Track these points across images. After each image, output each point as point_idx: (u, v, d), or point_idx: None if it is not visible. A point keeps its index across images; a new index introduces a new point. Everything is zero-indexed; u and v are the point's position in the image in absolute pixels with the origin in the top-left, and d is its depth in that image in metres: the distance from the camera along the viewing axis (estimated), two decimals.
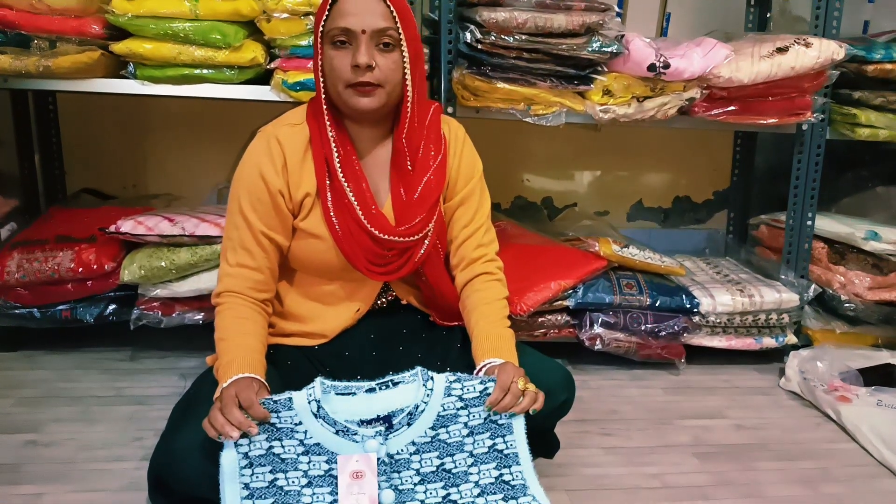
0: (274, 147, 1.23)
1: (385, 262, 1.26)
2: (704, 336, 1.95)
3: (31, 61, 1.65)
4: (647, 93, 1.80)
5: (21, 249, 1.77)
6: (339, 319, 1.31)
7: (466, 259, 1.32)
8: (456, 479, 1.04)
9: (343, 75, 1.17)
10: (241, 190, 1.23)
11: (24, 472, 1.36)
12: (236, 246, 1.23)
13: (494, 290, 1.30)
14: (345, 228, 1.23)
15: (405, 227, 1.24)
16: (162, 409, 1.57)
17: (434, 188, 1.26)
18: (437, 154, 1.28)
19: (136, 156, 2.32)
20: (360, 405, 1.04)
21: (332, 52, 1.18)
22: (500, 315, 1.27)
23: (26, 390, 1.68)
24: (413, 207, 1.25)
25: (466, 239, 1.32)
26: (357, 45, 1.16)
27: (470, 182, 1.33)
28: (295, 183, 1.23)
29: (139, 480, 1.29)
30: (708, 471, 1.48)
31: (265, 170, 1.21)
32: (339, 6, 1.17)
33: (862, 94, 1.96)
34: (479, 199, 1.34)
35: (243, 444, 0.99)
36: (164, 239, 1.74)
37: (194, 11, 1.64)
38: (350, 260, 1.24)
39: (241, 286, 1.21)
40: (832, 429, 1.68)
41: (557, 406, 1.28)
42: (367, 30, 1.15)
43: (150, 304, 1.77)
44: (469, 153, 1.35)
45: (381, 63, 1.17)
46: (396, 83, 1.21)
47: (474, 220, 1.33)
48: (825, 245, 2.08)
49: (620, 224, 2.57)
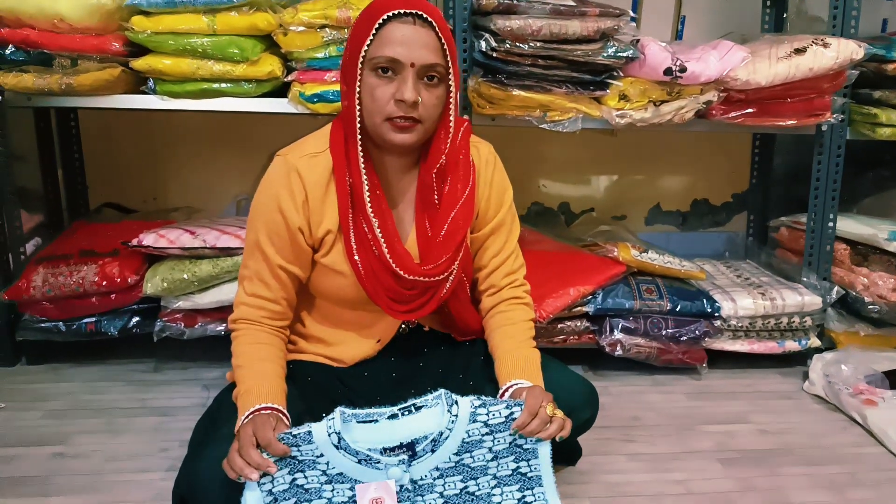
0: (294, 181, 1.17)
1: (408, 299, 1.22)
2: (726, 340, 1.93)
3: (53, 79, 1.68)
4: (663, 97, 1.80)
5: (46, 264, 1.80)
6: (359, 350, 1.29)
7: (495, 286, 1.30)
8: (479, 501, 1.04)
9: (384, 108, 1.10)
10: (258, 222, 1.19)
11: (52, 484, 1.38)
12: (252, 276, 1.20)
13: (520, 312, 1.28)
14: (367, 266, 1.18)
15: (430, 267, 1.19)
16: (186, 419, 1.58)
17: (461, 226, 1.20)
18: (465, 187, 1.21)
19: (157, 170, 2.35)
20: (383, 433, 1.02)
21: (374, 80, 1.10)
22: (525, 335, 1.25)
23: (53, 403, 1.70)
24: (439, 246, 1.19)
25: (497, 268, 1.29)
26: (404, 78, 1.08)
27: (501, 210, 1.29)
28: (316, 220, 1.19)
29: (165, 491, 1.30)
30: (733, 477, 1.46)
31: (284, 206, 1.17)
32: (386, 32, 1.08)
33: (882, 94, 1.94)
34: (510, 227, 1.31)
35: (266, 482, 0.98)
36: (186, 251, 1.76)
37: (212, 27, 1.66)
38: (372, 298, 1.20)
39: (256, 315, 1.19)
40: (858, 433, 1.66)
41: (580, 424, 1.27)
42: (417, 63, 1.08)
43: (172, 316, 1.80)
44: (499, 180, 1.29)
45: (425, 99, 1.11)
46: (435, 119, 1.15)
47: (504, 249, 1.30)
48: (847, 246, 2.06)
49: (638, 228, 2.56)
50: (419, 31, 1.08)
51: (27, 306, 1.81)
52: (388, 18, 1.08)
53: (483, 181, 1.26)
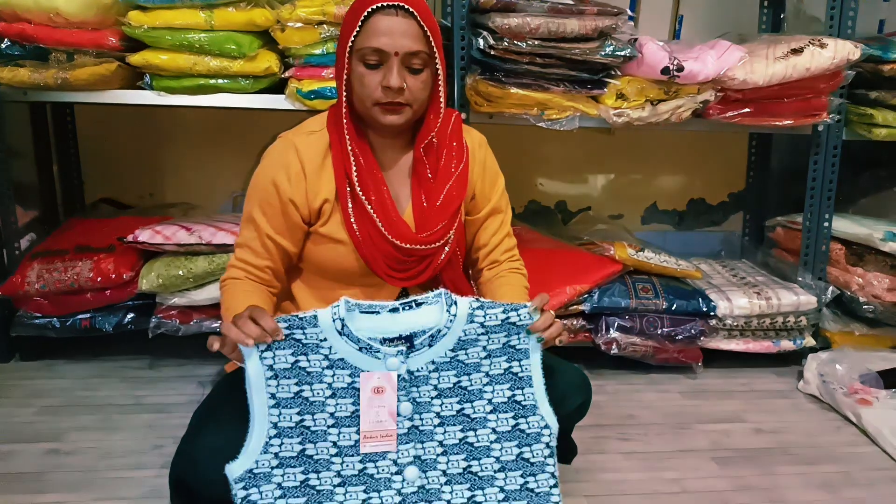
0: (291, 155, 1.23)
1: (405, 267, 1.27)
2: (721, 339, 1.94)
3: (49, 74, 1.68)
4: (660, 96, 1.80)
5: (41, 260, 1.79)
6: None
7: (496, 261, 1.36)
8: (471, 395, 1.08)
9: (373, 94, 1.17)
10: (252, 191, 1.25)
11: (46, 480, 1.37)
12: (243, 244, 1.25)
13: (520, 277, 1.35)
14: (365, 234, 1.23)
15: (426, 234, 1.25)
16: (181, 416, 1.58)
17: (456, 197, 1.27)
18: (459, 163, 1.28)
19: (153, 165, 2.34)
20: (384, 323, 1.07)
21: (361, 69, 1.18)
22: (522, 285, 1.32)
23: (47, 399, 1.70)
24: (434, 215, 1.25)
25: (497, 245, 1.35)
26: (389, 66, 1.16)
27: (495, 193, 1.34)
28: (313, 191, 1.23)
29: (160, 488, 1.30)
30: (728, 475, 1.47)
31: (278, 178, 1.22)
32: (371, 24, 1.16)
33: (879, 94, 1.94)
34: (506, 210, 1.38)
35: (268, 357, 1.01)
36: (182, 248, 1.76)
37: (209, 22, 1.65)
38: (370, 265, 1.24)
39: (240, 276, 1.24)
40: (852, 432, 1.67)
41: (574, 409, 1.28)
42: (401, 52, 1.15)
43: (168, 313, 1.79)
44: (491, 163, 1.35)
45: (410, 84, 1.18)
46: (423, 101, 1.22)
47: (501, 230, 1.36)
48: (843, 246, 2.06)
49: (635, 227, 2.56)
50: (402, 22, 1.15)
51: (22, 302, 1.80)
52: (373, 11, 1.15)
53: (477, 161, 1.32)
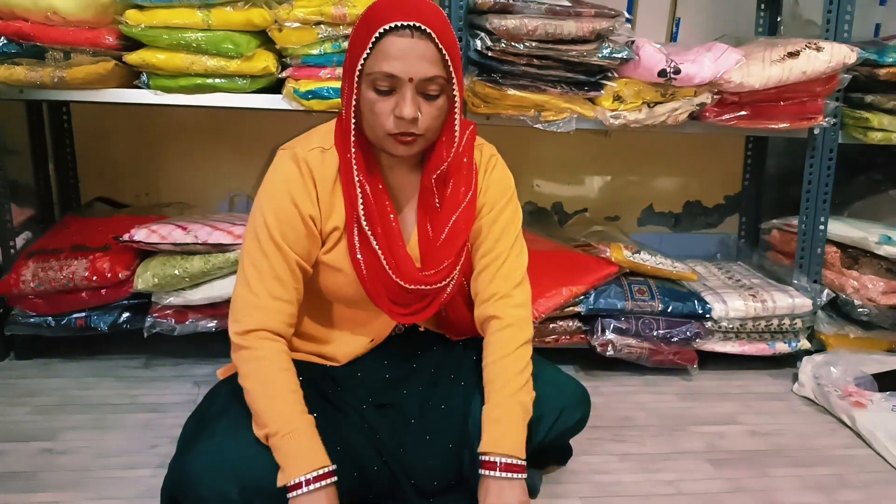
0: (305, 172, 1.14)
1: (408, 302, 1.21)
2: (717, 341, 1.94)
3: (45, 72, 1.67)
4: (657, 98, 1.80)
5: (36, 258, 1.78)
6: (352, 347, 1.28)
7: (480, 296, 1.23)
8: None
9: (384, 123, 1.07)
10: (269, 215, 1.13)
11: (39, 480, 1.37)
12: (266, 276, 1.12)
13: (504, 342, 1.19)
14: (370, 267, 1.17)
15: (431, 273, 1.18)
16: (176, 416, 1.58)
17: (462, 229, 1.19)
18: (468, 190, 1.19)
19: (150, 165, 2.34)
20: None
21: (371, 95, 1.07)
22: (505, 377, 1.17)
23: (41, 398, 1.69)
24: (440, 251, 1.18)
25: (482, 271, 1.23)
26: (402, 93, 1.05)
27: (495, 207, 1.24)
28: (325, 215, 1.16)
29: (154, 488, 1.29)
30: (722, 477, 1.47)
31: (298, 196, 1.13)
32: (383, 46, 1.04)
33: (874, 98, 1.95)
34: (505, 226, 1.24)
35: None
36: (178, 247, 1.76)
37: (207, 22, 1.65)
38: (373, 300, 1.19)
39: (275, 323, 1.12)
40: (847, 435, 1.67)
41: (572, 424, 1.27)
42: (416, 78, 1.04)
43: (163, 312, 1.79)
44: (498, 176, 1.26)
45: (424, 111, 1.07)
46: (437, 128, 1.12)
47: (493, 251, 1.23)
48: (838, 249, 2.07)
49: (631, 229, 2.57)
50: (417, 44, 1.04)
51: (16, 301, 1.79)
52: (387, 31, 1.04)
53: (482, 182, 1.24)
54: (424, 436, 1.19)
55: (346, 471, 1.10)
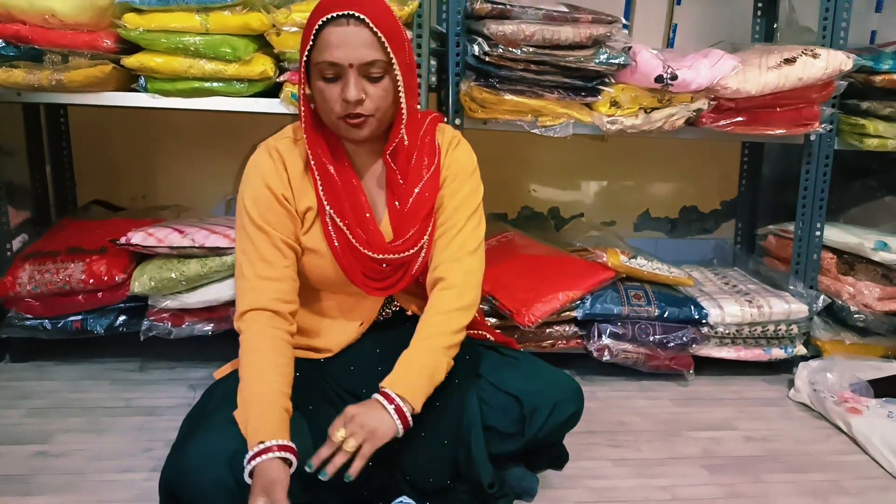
0: (276, 159, 1.23)
1: (382, 276, 1.26)
2: (713, 347, 1.94)
3: (43, 75, 1.67)
4: (654, 104, 1.81)
5: (33, 261, 1.78)
6: (344, 334, 1.31)
7: (434, 260, 1.27)
8: None
9: (334, 108, 1.15)
10: (247, 201, 1.21)
11: (34, 483, 1.37)
12: (254, 259, 1.19)
13: (441, 301, 1.23)
14: (343, 244, 1.23)
15: (399, 243, 1.24)
16: (172, 419, 1.58)
17: (426, 200, 1.25)
18: (431, 164, 1.26)
19: (146, 168, 2.34)
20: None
21: (321, 84, 1.15)
22: (431, 331, 1.20)
23: (36, 401, 1.69)
24: (406, 220, 1.25)
25: (439, 237, 1.27)
26: (346, 79, 1.13)
27: (456, 180, 1.28)
28: (298, 196, 1.23)
29: (149, 491, 1.30)
30: (718, 483, 1.47)
31: (269, 179, 1.21)
32: (324, 37, 1.13)
33: (870, 105, 1.96)
34: (464, 197, 1.28)
35: None
36: (174, 250, 1.75)
37: (205, 25, 1.65)
38: (348, 276, 1.24)
39: (265, 300, 1.17)
40: (843, 440, 1.67)
41: (566, 418, 1.28)
42: (355, 63, 1.12)
43: (159, 315, 1.78)
44: (461, 154, 1.30)
45: (371, 93, 1.15)
46: (387, 107, 1.18)
47: (450, 219, 1.27)
48: (834, 255, 2.08)
49: (627, 234, 2.57)
50: (354, 32, 1.12)
51: (12, 303, 1.79)
52: (325, 23, 1.12)
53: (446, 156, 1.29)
54: (420, 433, 1.20)
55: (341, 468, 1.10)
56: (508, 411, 1.24)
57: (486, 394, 1.25)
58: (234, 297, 1.76)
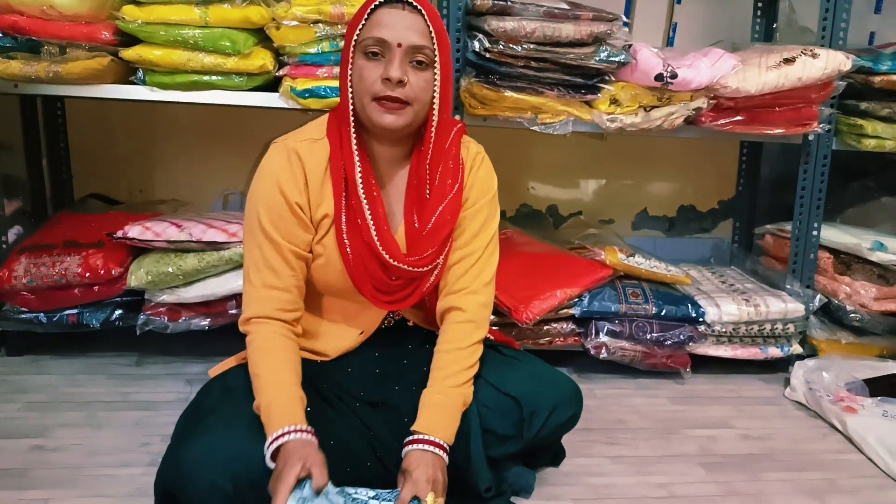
0: (294, 163, 1.18)
1: (391, 290, 1.24)
2: (710, 345, 1.95)
3: (41, 67, 1.66)
4: (654, 102, 1.81)
5: (29, 254, 1.77)
6: (343, 341, 1.29)
7: (448, 287, 1.26)
8: None
9: (372, 87, 1.13)
10: (260, 207, 1.18)
11: (30, 477, 1.36)
12: (260, 266, 1.17)
13: (460, 335, 1.23)
14: (356, 253, 1.20)
15: (415, 258, 1.21)
16: (168, 414, 1.57)
17: (448, 221, 1.23)
18: (454, 183, 1.23)
19: (144, 162, 2.33)
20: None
21: (363, 61, 1.14)
22: (453, 368, 1.20)
23: (33, 395, 1.68)
24: (425, 239, 1.22)
25: (455, 263, 1.26)
26: (391, 58, 1.12)
27: (477, 203, 1.27)
28: (315, 203, 1.20)
29: (146, 486, 1.29)
30: (715, 481, 1.47)
31: (285, 186, 1.17)
32: (376, 16, 1.13)
33: (868, 105, 1.96)
34: (483, 223, 1.27)
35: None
36: (172, 244, 1.75)
37: (204, 18, 1.65)
38: (357, 286, 1.22)
39: (269, 310, 1.17)
40: (838, 439, 1.68)
41: (565, 421, 1.28)
42: (404, 44, 1.12)
43: (156, 310, 1.78)
44: (484, 174, 1.29)
45: (412, 80, 1.13)
46: (425, 103, 1.17)
47: (469, 245, 1.26)
48: (831, 255, 2.08)
49: (625, 232, 2.57)
50: (407, 16, 1.13)
51: (8, 296, 1.78)
52: (379, 5, 1.13)
53: (468, 178, 1.28)
54: None
55: (339, 466, 1.11)
56: (507, 414, 1.23)
57: (485, 396, 1.24)
58: (231, 291, 1.78)
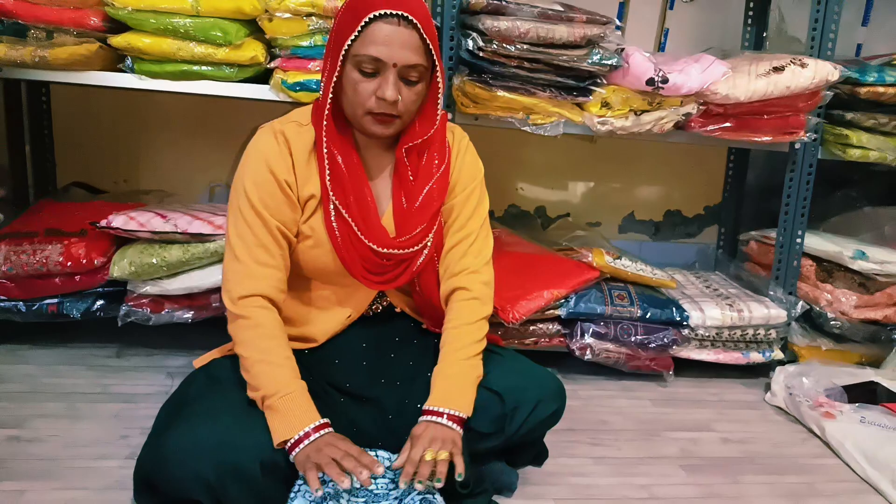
0: (282, 143, 1.20)
1: (382, 270, 1.25)
2: (693, 349, 1.96)
3: (27, 51, 1.63)
4: (644, 106, 1.82)
5: (9, 241, 1.74)
6: (330, 324, 1.30)
7: (449, 270, 1.29)
8: None
9: (366, 103, 1.14)
10: (249, 184, 1.18)
11: (6, 468, 1.33)
12: (251, 244, 1.17)
13: (466, 312, 1.26)
14: (345, 235, 1.21)
15: (405, 238, 1.23)
16: (149, 407, 1.55)
17: (435, 198, 1.25)
18: (441, 163, 1.26)
19: (129, 151, 2.30)
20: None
21: (355, 75, 1.13)
22: (462, 342, 1.23)
23: (10, 385, 1.65)
24: (414, 217, 1.24)
25: (453, 247, 1.29)
26: (385, 77, 1.12)
27: (467, 188, 1.30)
28: (301, 181, 1.21)
29: (124, 479, 1.27)
30: (695, 483, 1.48)
31: (274, 164, 1.18)
32: (371, 32, 1.10)
33: (854, 116, 1.99)
34: (475, 206, 1.31)
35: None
36: (156, 235, 1.73)
37: (195, 7, 1.63)
38: (347, 267, 1.22)
39: (265, 287, 1.17)
40: (817, 444, 1.70)
41: (548, 416, 1.28)
42: (399, 64, 1.12)
43: (139, 301, 1.75)
44: (471, 160, 1.33)
45: (404, 95, 1.15)
46: (413, 112, 1.20)
47: (465, 228, 1.29)
48: (813, 263, 2.11)
49: (612, 235, 2.59)
50: (403, 32, 1.11)
51: None
52: (374, 18, 1.10)
53: (455, 160, 1.30)
54: (401, 434, 1.19)
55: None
56: (488, 409, 1.23)
57: None
58: (215, 284, 1.75)
